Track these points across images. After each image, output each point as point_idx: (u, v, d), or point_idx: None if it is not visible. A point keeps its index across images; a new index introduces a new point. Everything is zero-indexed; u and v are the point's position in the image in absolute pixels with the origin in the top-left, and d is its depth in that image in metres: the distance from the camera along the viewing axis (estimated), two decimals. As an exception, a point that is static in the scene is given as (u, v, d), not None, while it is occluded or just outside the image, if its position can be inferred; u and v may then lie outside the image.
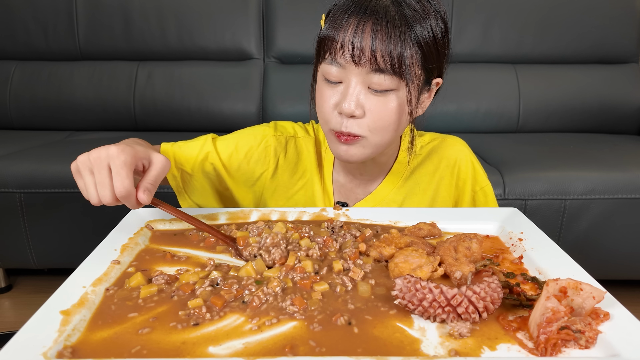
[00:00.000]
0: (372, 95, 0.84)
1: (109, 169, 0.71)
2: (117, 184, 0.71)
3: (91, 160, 0.72)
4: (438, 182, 1.04)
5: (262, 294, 0.61)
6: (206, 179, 1.01)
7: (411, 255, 0.68)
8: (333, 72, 0.84)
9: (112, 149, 0.71)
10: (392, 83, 0.83)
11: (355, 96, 0.83)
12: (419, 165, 1.05)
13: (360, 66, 0.81)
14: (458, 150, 1.06)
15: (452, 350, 0.52)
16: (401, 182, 1.04)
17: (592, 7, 2.36)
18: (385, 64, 0.80)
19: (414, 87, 0.85)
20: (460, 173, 1.04)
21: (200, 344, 0.53)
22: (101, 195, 0.72)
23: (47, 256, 1.91)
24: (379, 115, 0.85)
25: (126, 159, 0.71)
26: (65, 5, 2.38)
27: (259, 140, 1.03)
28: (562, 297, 0.57)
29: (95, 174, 0.72)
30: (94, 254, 0.72)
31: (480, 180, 1.05)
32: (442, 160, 1.05)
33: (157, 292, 0.63)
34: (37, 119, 2.43)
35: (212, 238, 0.79)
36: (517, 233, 0.79)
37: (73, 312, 0.58)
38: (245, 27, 2.41)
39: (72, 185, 1.77)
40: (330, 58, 0.84)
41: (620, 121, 2.39)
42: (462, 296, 0.56)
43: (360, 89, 0.84)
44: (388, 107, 0.85)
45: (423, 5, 0.83)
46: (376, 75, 0.82)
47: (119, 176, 0.71)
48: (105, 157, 0.71)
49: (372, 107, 0.84)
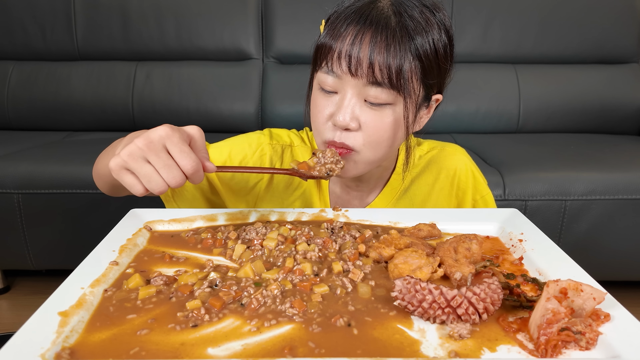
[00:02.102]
0: (368, 108, 0.82)
1: (167, 151, 0.67)
2: (185, 161, 0.67)
3: (143, 148, 0.66)
4: (438, 193, 1.02)
5: (260, 297, 0.61)
6: (197, 187, 0.98)
7: (411, 256, 0.68)
8: (329, 81, 0.82)
9: (158, 130, 0.67)
10: (389, 97, 0.80)
11: (351, 108, 0.81)
12: (418, 176, 1.03)
13: (357, 78, 0.79)
14: (458, 159, 1.03)
15: (452, 352, 0.52)
16: (399, 194, 1.02)
17: (593, 7, 2.36)
18: (383, 77, 0.78)
19: (411, 102, 0.82)
20: (461, 183, 1.02)
21: (199, 345, 0.53)
22: (169, 178, 0.67)
23: (45, 257, 1.91)
24: (374, 129, 0.82)
25: (181, 135, 0.68)
26: (63, 5, 2.38)
27: (254, 149, 1.00)
28: (563, 298, 0.57)
29: (153, 160, 0.66)
30: (92, 255, 0.72)
31: (481, 189, 1.03)
32: (442, 171, 1.02)
33: (155, 293, 0.63)
34: (35, 120, 2.43)
35: (209, 240, 0.79)
36: (517, 234, 0.79)
37: (71, 314, 0.57)
38: (244, 27, 2.41)
39: (70, 186, 1.76)
40: (326, 67, 0.82)
41: (620, 121, 2.40)
42: (462, 297, 0.56)
43: (356, 101, 0.81)
44: (384, 121, 0.82)
45: (426, 17, 0.80)
46: (373, 88, 0.80)
47: (184, 153, 0.67)
48: (158, 139, 0.67)
49: (367, 121, 0.82)
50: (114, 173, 0.69)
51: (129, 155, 0.66)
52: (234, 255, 0.73)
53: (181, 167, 0.67)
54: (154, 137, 0.66)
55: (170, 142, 0.67)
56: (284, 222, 0.85)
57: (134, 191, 0.69)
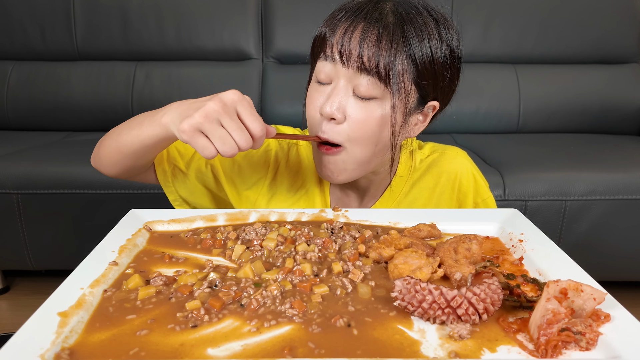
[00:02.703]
0: (356, 101, 0.83)
1: (238, 115, 0.70)
2: (254, 124, 0.70)
3: (219, 111, 0.69)
4: (438, 197, 1.02)
5: (260, 297, 0.61)
6: (200, 179, 0.99)
7: (411, 257, 0.68)
8: (325, 70, 0.84)
9: (229, 94, 0.70)
10: (378, 91, 0.81)
11: (338, 98, 0.82)
12: (419, 180, 1.03)
13: (348, 67, 0.81)
14: (459, 163, 1.03)
15: (452, 352, 0.52)
16: (400, 198, 1.02)
17: (593, 7, 2.36)
18: (371, 65, 0.79)
19: (401, 101, 0.82)
20: (462, 187, 1.01)
21: (199, 346, 0.53)
22: (241, 141, 0.69)
23: (45, 258, 1.91)
24: (359, 123, 0.83)
25: (248, 99, 0.71)
26: (62, 5, 2.37)
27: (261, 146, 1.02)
28: (563, 299, 0.57)
29: (226, 123, 0.69)
30: (91, 255, 0.72)
31: (482, 192, 1.02)
32: (443, 175, 1.02)
33: (155, 293, 0.63)
34: (35, 120, 2.43)
35: (209, 240, 0.78)
36: (518, 234, 0.79)
37: (70, 314, 0.57)
38: (243, 27, 2.41)
39: (70, 187, 1.76)
40: (323, 55, 0.84)
41: (621, 122, 2.39)
42: (462, 297, 0.56)
43: (345, 92, 0.83)
44: (370, 116, 0.83)
45: (431, 28, 0.82)
46: (363, 77, 0.81)
47: (253, 116, 0.70)
48: (231, 103, 0.69)
49: (353, 113, 0.83)
50: (186, 134, 0.70)
51: (205, 117, 0.68)
52: (233, 255, 0.73)
53: (251, 131, 0.70)
54: (228, 101, 0.69)
55: (241, 106, 0.70)
56: (284, 222, 0.85)
57: (205, 153, 0.70)
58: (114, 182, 1.74)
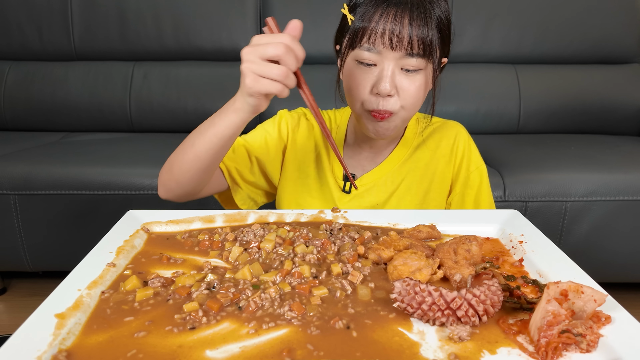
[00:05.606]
0: (404, 75, 0.93)
1: None
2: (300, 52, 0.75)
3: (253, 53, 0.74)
4: (439, 158, 1.12)
5: (258, 299, 0.61)
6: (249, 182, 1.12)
7: (410, 258, 0.68)
8: (369, 57, 0.92)
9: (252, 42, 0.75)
10: (421, 64, 0.92)
11: (391, 77, 0.92)
12: (423, 143, 1.14)
13: (396, 51, 0.90)
14: (457, 130, 1.16)
15: (452, 354, 0.51)
16: (407, 155, 1.12)
17: (593, 7, 2.36)
18: (419, 49, 0.90)
19: (435, 65, 0.95)
20: (458, 150, 1.13)
21: (197, 348, 0.53)
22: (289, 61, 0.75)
23: (42, 259, 1.90)
24: (409, 92, 0.94)
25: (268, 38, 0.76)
26: (60, 5, 2.36)
27: (274, 118, 1.18)
28: (563, 300, 0.57)
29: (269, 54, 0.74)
30: (89, 256, 0.71)
31: (476, 160, 1.13)
32: (443, 139, 1.14)
33: (152, 295, 0.63)
34: (32, 120, 2.42)
35: (207, 242, 0.78)
36: (518, 235, 0.79)
37: (68, 316, 0.57)
38: (242, 26, 2.40)
39: (67, 187, 1.76)
40: (368, 44, 0.91)
41: (621, 122, 2.39)
42: (461, 299, 0.55)
43: (394, 71, 0.92)
44: (416, 85, 0.94)
45: None
46: (410, 59, 0.91)
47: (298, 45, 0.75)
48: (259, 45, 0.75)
49: (403, 86, 0.94)
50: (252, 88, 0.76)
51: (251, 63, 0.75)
52: (230, 257, 0.73)
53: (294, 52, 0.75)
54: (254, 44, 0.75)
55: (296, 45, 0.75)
56: (282, 223, 0.85)
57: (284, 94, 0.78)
58: (112, 183, 1.74)
